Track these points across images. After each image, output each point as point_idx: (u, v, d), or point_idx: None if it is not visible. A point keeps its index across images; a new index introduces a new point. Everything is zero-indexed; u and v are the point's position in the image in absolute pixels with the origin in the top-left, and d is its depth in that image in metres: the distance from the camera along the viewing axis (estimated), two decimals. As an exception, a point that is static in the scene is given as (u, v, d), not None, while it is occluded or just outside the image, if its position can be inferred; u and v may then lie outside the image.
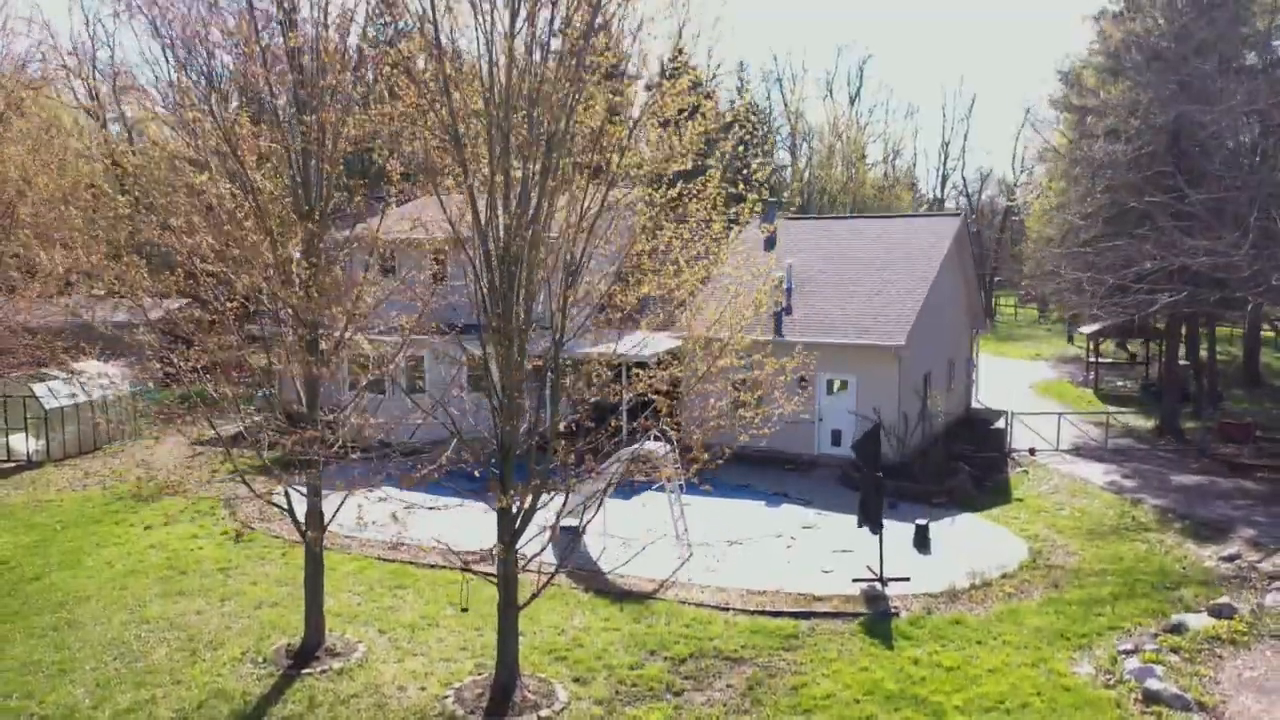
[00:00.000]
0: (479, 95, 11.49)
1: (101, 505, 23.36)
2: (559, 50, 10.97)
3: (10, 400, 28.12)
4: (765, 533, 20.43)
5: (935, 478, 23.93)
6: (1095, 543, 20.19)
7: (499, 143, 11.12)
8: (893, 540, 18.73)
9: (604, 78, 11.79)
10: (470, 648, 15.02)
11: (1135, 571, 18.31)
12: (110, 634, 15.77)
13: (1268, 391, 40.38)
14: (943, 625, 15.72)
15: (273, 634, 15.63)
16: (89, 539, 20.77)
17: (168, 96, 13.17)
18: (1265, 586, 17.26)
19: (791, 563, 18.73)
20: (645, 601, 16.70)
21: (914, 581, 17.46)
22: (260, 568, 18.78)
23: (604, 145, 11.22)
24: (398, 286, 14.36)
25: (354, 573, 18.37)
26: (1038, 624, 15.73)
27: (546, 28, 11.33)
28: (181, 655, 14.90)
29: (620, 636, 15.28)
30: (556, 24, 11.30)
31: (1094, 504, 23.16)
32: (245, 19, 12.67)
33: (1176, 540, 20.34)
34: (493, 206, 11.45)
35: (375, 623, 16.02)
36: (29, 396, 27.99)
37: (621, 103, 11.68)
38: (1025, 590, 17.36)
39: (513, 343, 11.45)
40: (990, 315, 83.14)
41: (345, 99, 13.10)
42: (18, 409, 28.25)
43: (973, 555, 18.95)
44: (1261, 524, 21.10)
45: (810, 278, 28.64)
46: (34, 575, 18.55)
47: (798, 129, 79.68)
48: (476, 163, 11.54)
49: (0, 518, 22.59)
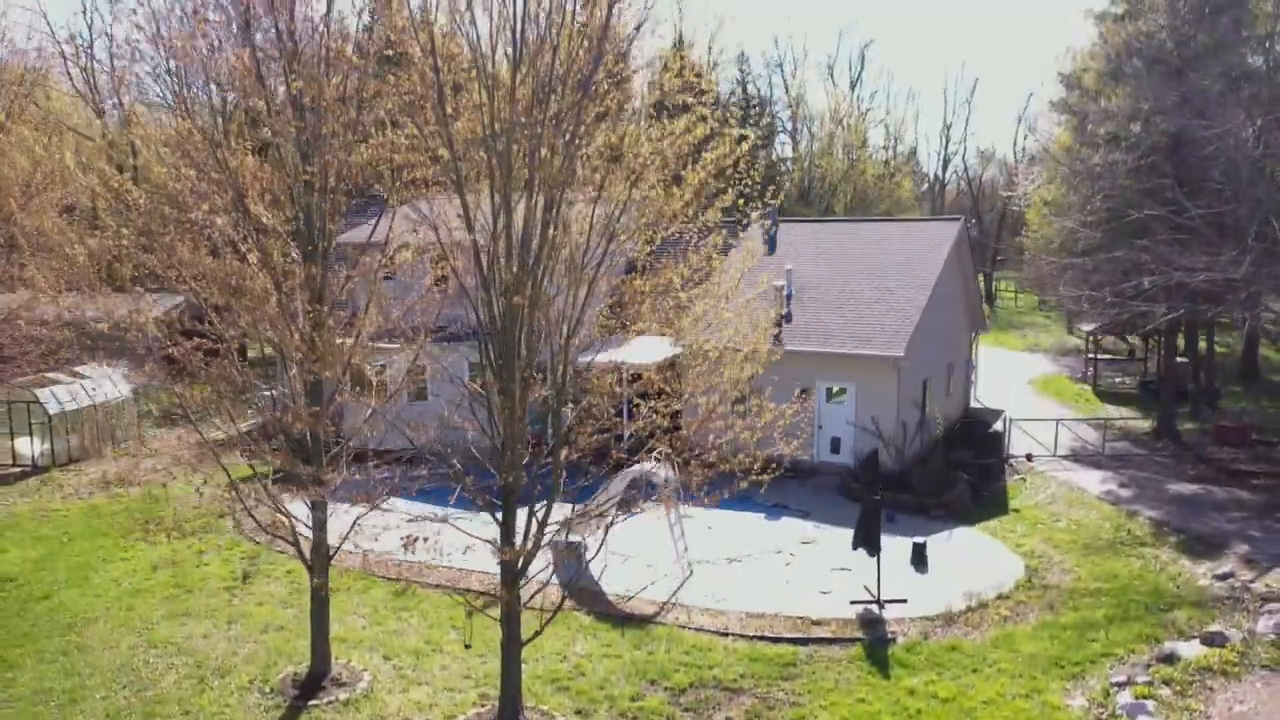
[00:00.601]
0: (479, 140, 11.58)
1: (108, 516, 23.56)
2: (559, 114, 11.00)
3: (14, 405, 28.30)
4: (764, 548, 20.62)
5: (934, 489, 24.13)
6: (1091, 558, 20.41)
7: (500, 189, 11.20)
8: (890, 558, 18.93)
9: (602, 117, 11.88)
10: (474, 675, 15.26)
11: (1129, 591, 18.54)
12: (119, 659, 16.02)
13: (1265, 387, 40.56)
14: (939, 652, 15.96)
15: (279, 660, 15.87)
16: (96, 553, 21.00)
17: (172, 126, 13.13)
18: (1257, 609, 17.49)
19: (790, 582, 18.96)
20: (646, 627, 16.94)
21: (911, 603, 17.70)
22: (265, 586, 19.01)
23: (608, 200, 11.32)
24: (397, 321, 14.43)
25: (358, 592, 18.61)
26: (1032, 650, 15.97)
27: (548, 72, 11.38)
28: (190, 683, 15.15)
29: (622, 664, 15.53)
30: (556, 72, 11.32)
31: (1090, 515, 23.38)
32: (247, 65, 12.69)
33: (1171, 556, 20.57)
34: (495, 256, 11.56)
35: (380, 648, 16.26)
36: (33, 402, 28.17)
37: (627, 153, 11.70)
38: (1020, 613, 17.60)
39: (514, 397, 11.58)
40: (990, 302, 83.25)
41: (347, 142, 13.14)
42: (22, 414, 28.44)
43: (969, 573, 19.19)
44: (1256, 539, 21.33)
45: (810, 283, 28.73)
46: (42, 594, 18.79)
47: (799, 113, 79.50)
48: (478, 209, 11.65)
49: (8, 529, 22.84)
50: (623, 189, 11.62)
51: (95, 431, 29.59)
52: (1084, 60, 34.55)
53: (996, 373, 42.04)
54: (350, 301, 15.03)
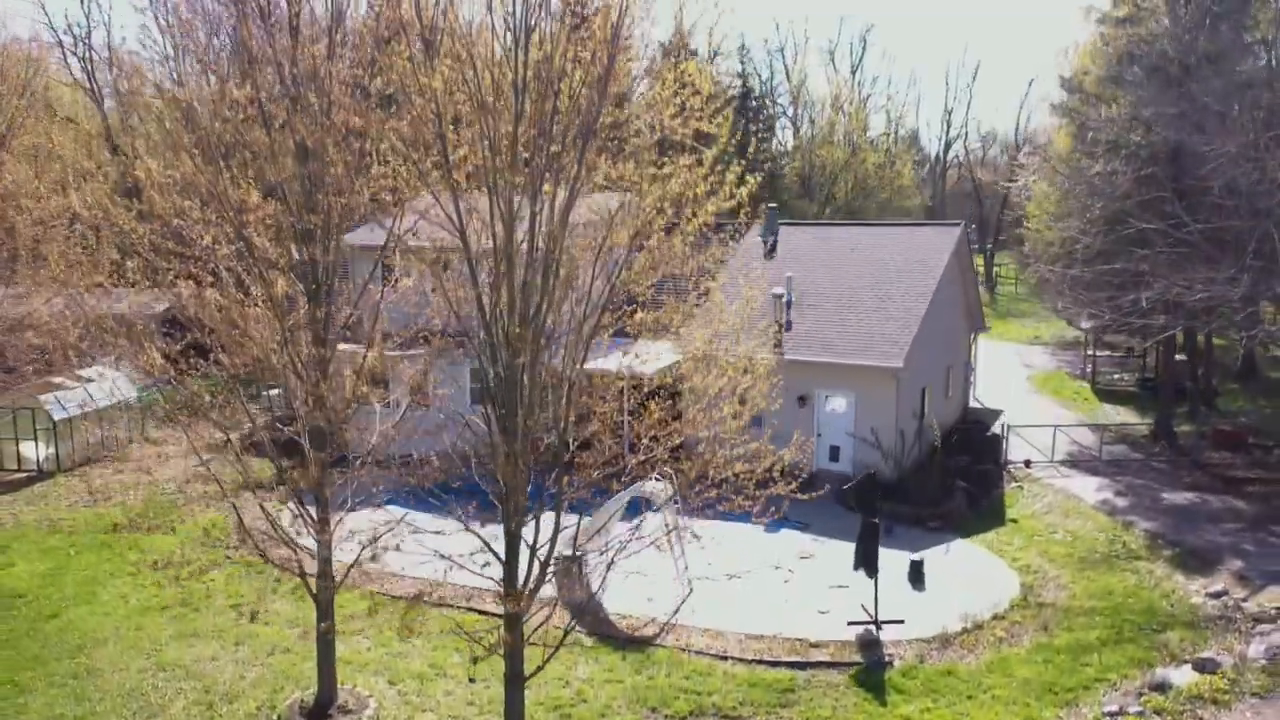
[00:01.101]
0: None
1: (112, 527, 23.76)
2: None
3: (19, 411, 28.47)
4: (763, 563, 20.81)
5: (932, 499, 24.36)
6: (1086, 574, 20.67)
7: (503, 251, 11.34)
8: (888, 574, 19.12)
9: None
10: (478, 701, 15.53)
11: (1123, 610, 18.80)
12: (129, 683, 16.30)
13: (1264, 385, 40.71)
14: (934, 677, 16.23)
15: (286, 685, 16.14)
16: (103, 566, 21.25)
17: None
18: (1249, 630, 17.76)
19: (789, 600, 19.22)
20: (646, 650, 17.20)
21: (908, 623, 17.95)
22: (271, 604, 19.25)
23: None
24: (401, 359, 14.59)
25: (362, 612, 18.82)
26: (1026, 675, 16.24)
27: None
28: (199, 709, 15.43)
29: (623, 690, 15.80)
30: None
31: (1086, 526, 23.62)
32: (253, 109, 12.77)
33: (1165, 571, 20.82)
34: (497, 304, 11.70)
35: (385, 672, 16.53)
36: (37, 408, 28.35)
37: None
38: (1016, 634, 17.86)
39: (516, 439, 11.75)
40: (991, 287, 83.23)
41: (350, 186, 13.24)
42: (27, 419, 28.62)
43: (966, 590, 19.45)
44: (1249, 553, 21.57)
45: (810, 290, 28.82)
46: (51, 612, 19.05)
47: (800, 98, 79.23)
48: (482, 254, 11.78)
49: (15, 540, 23.08)
50: (625, 238, 11.76)
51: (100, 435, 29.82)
52: (1084, 59, 34.45)
53: (996, 367, 42.18)
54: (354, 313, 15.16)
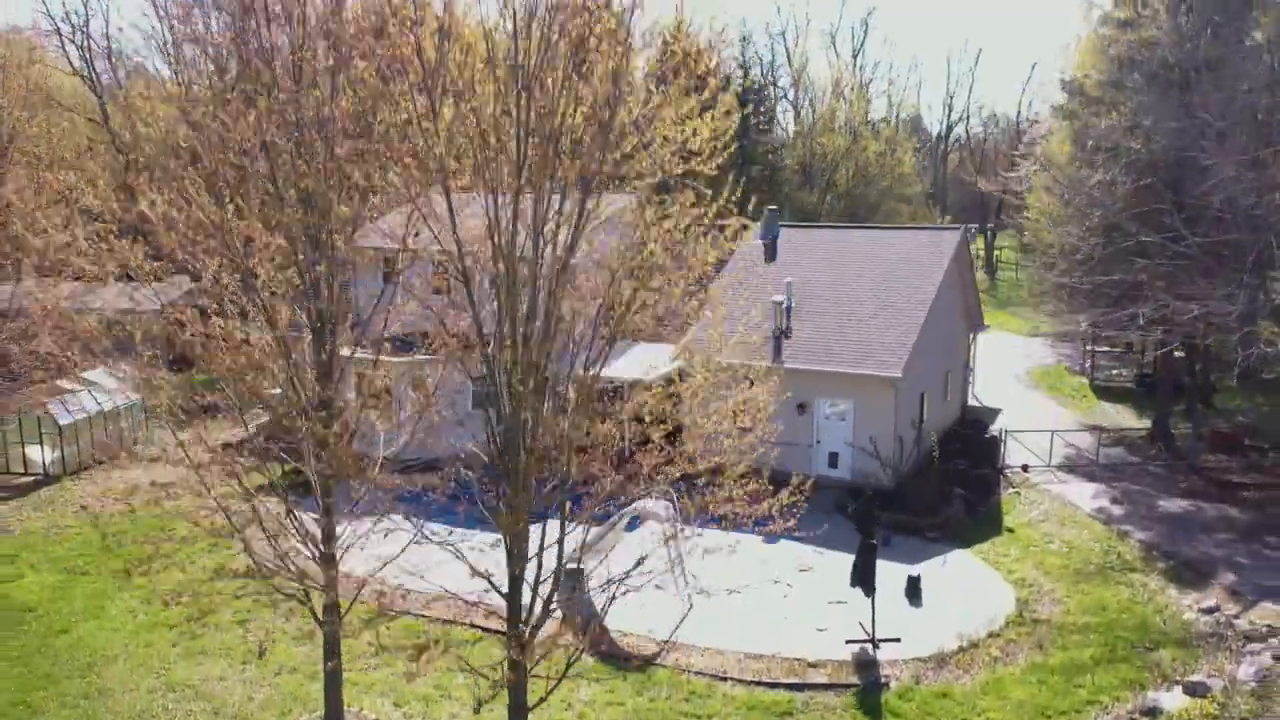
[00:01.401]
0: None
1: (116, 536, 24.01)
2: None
3: (25, 416, 28.70)
4: (762, 577, 21.05)
5: (929, 508, 24.60)
6: (1081, 586, 20.95)
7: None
8: (885, 589, 19.33)
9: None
10: (482, 725, 15.82)
11: (1117, 626, 19.09)
12: (139, 703, 16.61)
13: (1261, 383, 40.87)
14: (930, 699, 16.53)
15: (294, 707, 16.46)
16: (111, 580, 21.50)
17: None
18: (1240, 649, 18.06)
19: (788, 617, 19.50)
20: (647, 670, 17.50)
21: (905, 641, 18.24)
22: (278, 621, 19.51)
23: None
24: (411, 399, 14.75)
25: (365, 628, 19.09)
26: (1021, 697, 16.54)
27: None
28: (208, 732, 15.74)
29: (624, 713, 16.10)
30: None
31: (1082, 536, 23.90)
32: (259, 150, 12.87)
33: (1159, 584, 21.11)
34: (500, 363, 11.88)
35: (391, 693, 16.84)
36: (43, 414, 28.57)
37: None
38: (1011, 652, 18.16)
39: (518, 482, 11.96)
40: (991, 273, 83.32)
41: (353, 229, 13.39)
42: (33, 424, 28.85)
43: (963, 604, 19.75)
44: (1243, 566, 21.86)
45: (810, 295, 28.96)
46: (61, 627, 19.34)
47: (801, 81, 79.00)
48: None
49: (24, 549, 23.35)
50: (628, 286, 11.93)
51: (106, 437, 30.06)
52: (1085, 55, 34.40)
53: (995, 361, 42.33)
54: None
